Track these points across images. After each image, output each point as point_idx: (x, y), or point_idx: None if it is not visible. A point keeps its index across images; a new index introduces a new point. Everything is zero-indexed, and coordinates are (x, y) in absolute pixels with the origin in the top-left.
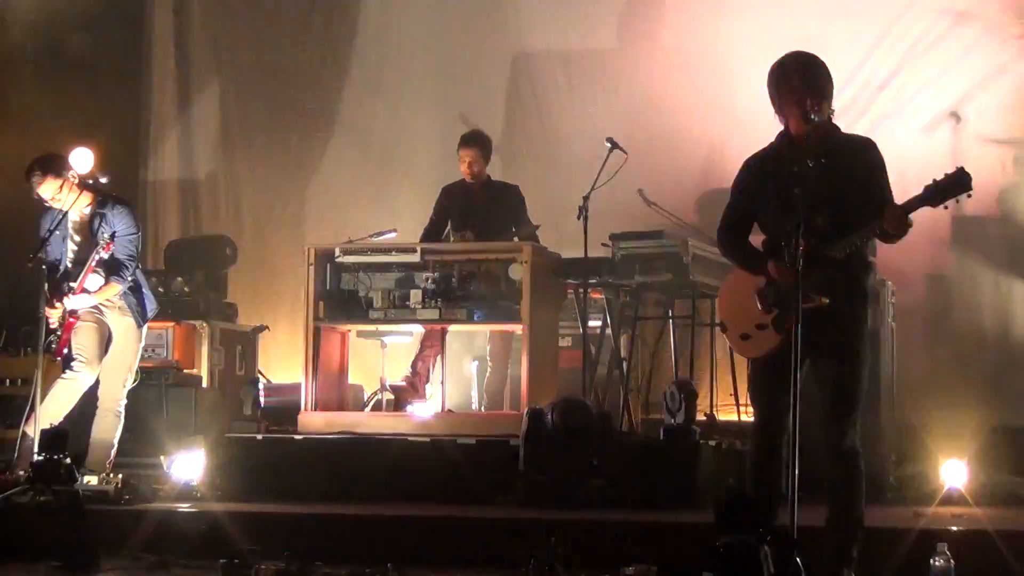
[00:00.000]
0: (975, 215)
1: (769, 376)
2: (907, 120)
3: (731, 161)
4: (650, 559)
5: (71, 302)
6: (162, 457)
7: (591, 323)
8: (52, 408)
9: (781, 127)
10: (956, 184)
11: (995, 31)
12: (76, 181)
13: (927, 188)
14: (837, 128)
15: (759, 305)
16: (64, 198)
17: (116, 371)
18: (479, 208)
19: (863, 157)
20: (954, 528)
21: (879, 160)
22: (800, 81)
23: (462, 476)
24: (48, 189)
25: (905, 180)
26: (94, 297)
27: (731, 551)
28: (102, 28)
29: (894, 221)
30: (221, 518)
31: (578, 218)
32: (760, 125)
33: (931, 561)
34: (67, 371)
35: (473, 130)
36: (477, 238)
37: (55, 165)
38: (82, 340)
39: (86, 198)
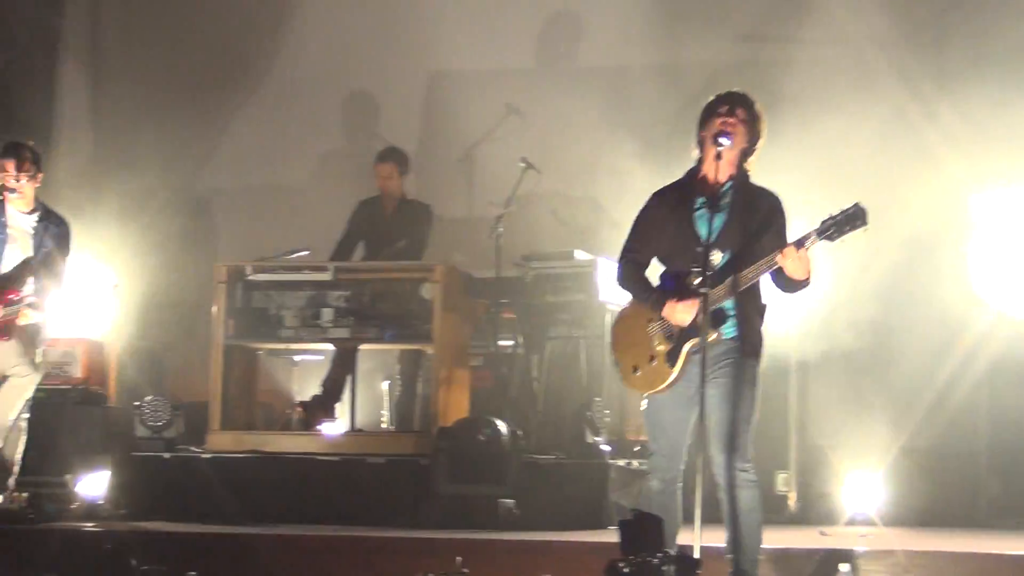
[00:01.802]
0: None
1: (665, 409)
2: None
3: (644, 184)
4: None
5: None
6: (68, 476)
7: (502, 343)
8: None
9: (696, 157)
10: (851, 218)
11: None
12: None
13: (823, 223)
14: (747, 173)
15: (653, 338)
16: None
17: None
18: (389, 225)
19: (769, 206)
20: (859, 548)
21: (783, 213)
22: (721, 115)
23: (372, 496)
24: (28, 186)
25: None
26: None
27: (635, 571)
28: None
29: (792, 259)
30: (127, 537)
31: (490, 237)
32: (674, 151)
33: None
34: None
35: (390, 146)
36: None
37: (40, 160)
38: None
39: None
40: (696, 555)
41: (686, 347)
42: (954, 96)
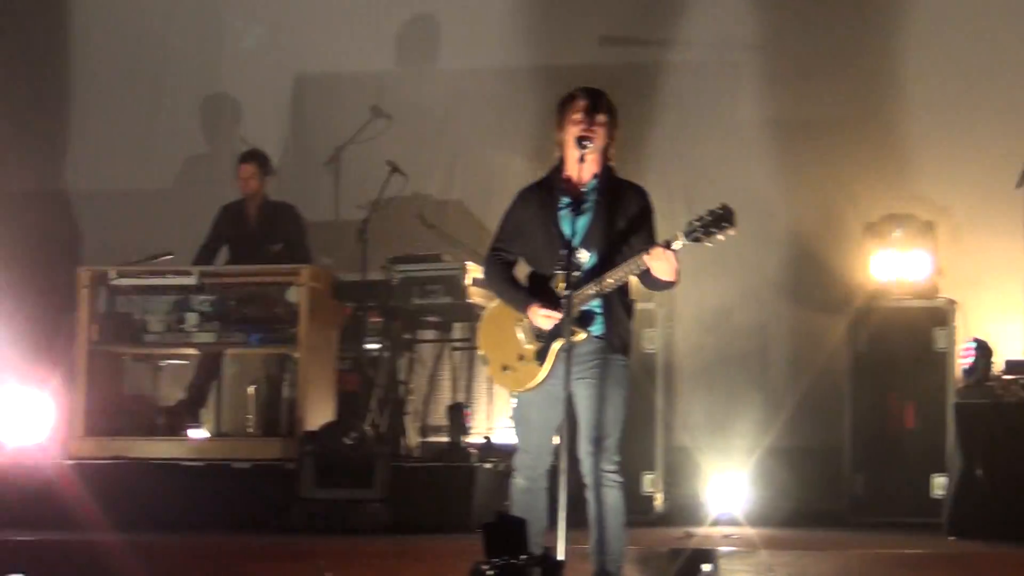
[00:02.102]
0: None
1: (533, 407)
2: None
3: (511, 186)
4: None
5: None
6: None
7: (369, 346)
8: None
9: (557, 157)
10: (719, 220)
11: None
12: None
13: (690, 224)
14: (612, 168)
15: (522, 336)
16: None
17: None
18: (253, 228)
19: (635, 200)
20: (723, 548)
21: (650, 206)
22: (580, 113)
23: (237, 501)
24: None
25: None
26: None
27: (499, 574)
28: None
29: (657, 261)
30: None
31: (357, 240)
32: (541, 153)
33: None
34: None
35: (252, 148)
36: (251, 260)
37: None
38: None
39: None
40: (560, 556)
41: (555, 346)
42: (821, 97)
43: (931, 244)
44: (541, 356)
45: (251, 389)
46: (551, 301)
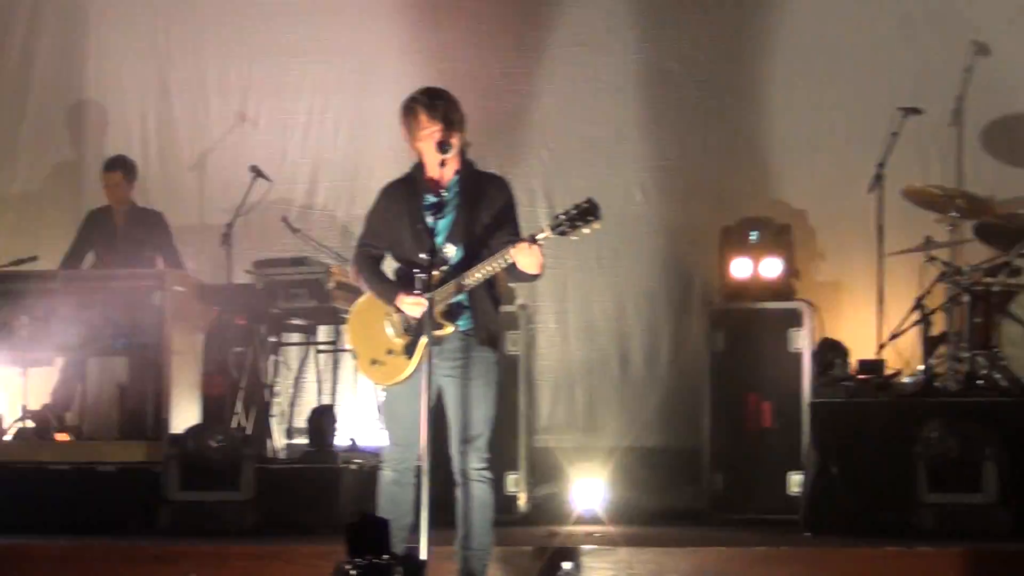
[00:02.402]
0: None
1: (401, 401)
2: None
3: (375, 190)
4: None
5: None
6: None
7: (235, 349)
8: None
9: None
10: (584, 213)
11: None
12: None
13: (556, 218)
14: (472, 162)
15: (390, 331)
16: None
17: None
18: (120, 234)
19: (497, 192)
20: (584, 546)
21: (512, 196)
22: (431, 114)
23: (103, 504)
24: None
25: None
26: None
27: (362, 573)
28: None
29: (522, 255)
30: None
31: (221, 245)
32: (403, 153)
33: None
34: None
35: (117, 155)
36: (117, 266)
37: None
38: None
39: None
40: (424, 555)
41: (423, 340)
42: (683, 104)
43: (787, 247)
44: (409, 350)
45: (116, 392)
46: (418, 293)
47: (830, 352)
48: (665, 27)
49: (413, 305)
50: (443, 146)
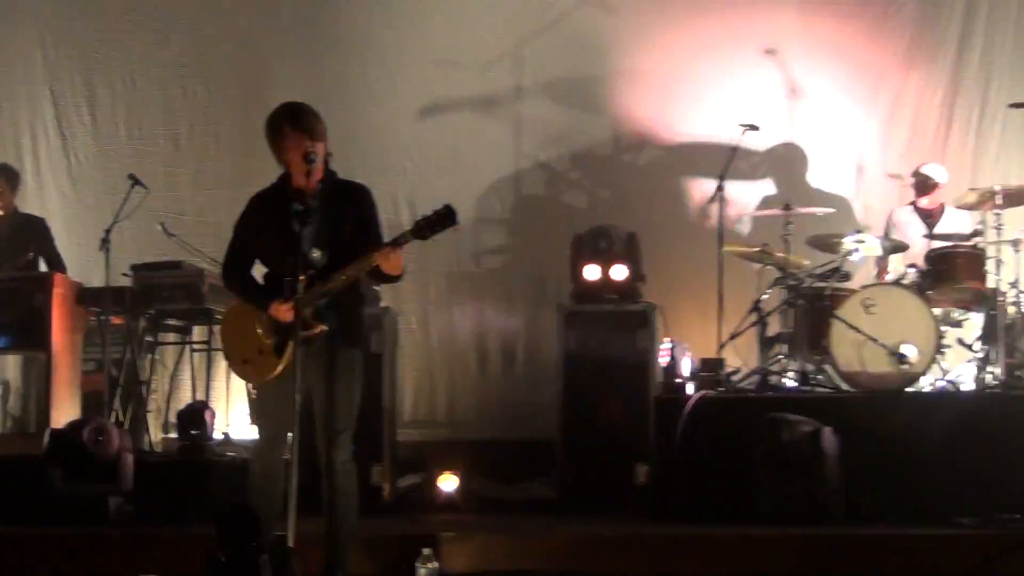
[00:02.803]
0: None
1: (271, 398)
2: None
3: (245, 196)
4: (162, 571)
5: None
6: None
7: (114, 348)
8: None
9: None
10: (443, 218)
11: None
12: None
13: (416, 223)
14: (335, 172)
15: (260, 331)
16: None
17: None
18: (4, 240)
19: (360, 200)
20: (444, 534)
21: (373, 204)
22: (295, 127)
23: None
24: None
25: None
26: None
27: (230, 561)
28: None
29: (385, 259)
30: None
31: (100, 249)
32: (267, 167)
33: (416, 565)
34: None
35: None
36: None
37: None
38: None
39: None
40: (291, 542)
41: (291, 341)
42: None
43: (634, 253)
44: (279, 350)
45: (0, 389)
46: (287, 299)
47: (672, 351)
48: (525, 46)
49: (285, 312)
50: (307, 156)
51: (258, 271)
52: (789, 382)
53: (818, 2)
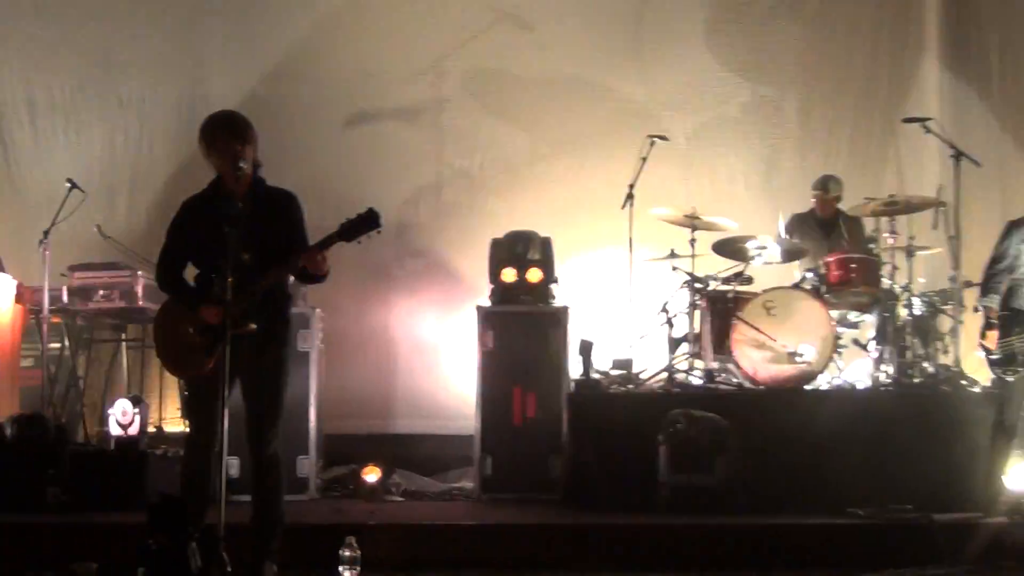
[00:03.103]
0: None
1: (201, 394)
2: None
3: (180, 200)
4: (96, 558)
5: None
6: None
7: (52, 345)
8: None
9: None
10: (367, 222)
11: None
12: None
13: (342, 226)
14: (263, 179)
15: (191, 330)
16: None
17: None
18: None
19: (286, 205)
20: (368, 522)
21: (300, 209)
22: (227, 135)
23: None
24: None
25: None
26: None
27: (161, 548)
28: None
29: (310, 260)
30: None
31: (39, 251)
32: (200, 173)
33: (340, 552)
34: None
35: None
36: None
37: None
38: None
39: None
40: (220, 531)
41: (222, 337)
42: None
43: (549, 257)
44: (209, 348)
45: None
46: (217, 299)
47: (585, 350)
48: (444, 61)
49: (213, 314)
50: (237, 164)
51: (190, 272)
52: (695, 380)
53: (725, 18)
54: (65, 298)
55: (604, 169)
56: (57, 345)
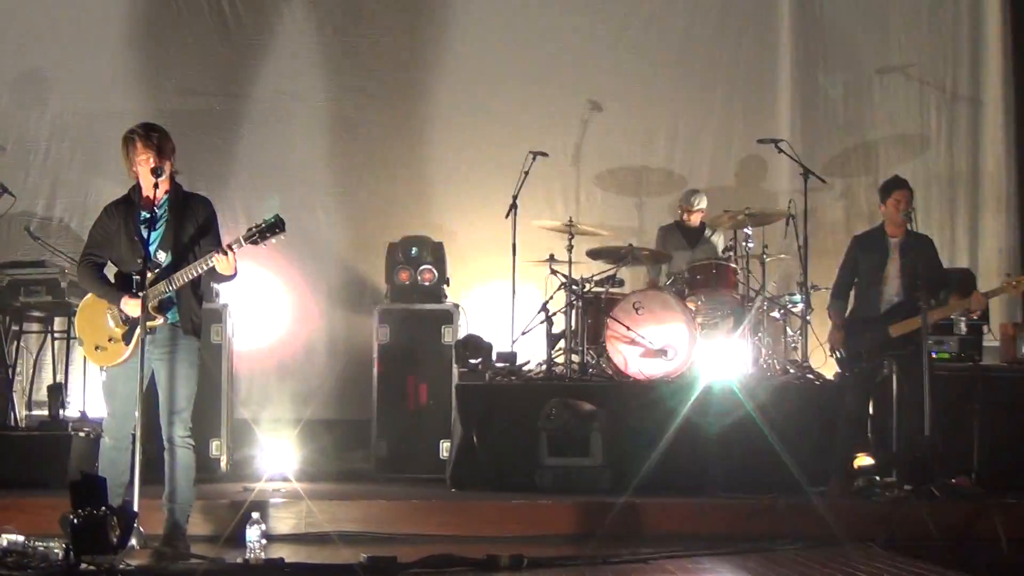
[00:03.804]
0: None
1: (120, 380)
2: None
3: (104, 202)
4: (21, 531)
5: None
6: None
7: None
8: None
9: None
10: (272, 227)
11: None
12: None
13: (249, 230)
14: (180, 185)
15: (111, 322)
16: None
17: None
18: None
19: (201, 209)
20: (272, 500)
21: (213, 213)
22: (146, 144)
23: None
24: None
25: None
26: None
27: (84, 522)
28: None
29: (221, 261)
30: None
31: None
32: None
33: (246, 527)
34: None
35: None
36: None
37: None
38: None
39: None
40: (135, 507)
41: (138, 330)
42: (366, 141)
43: (441, 260)
44: (127, 338)
45: None
46: (135, 294)
47: (473, 344)
48: (350, 79)
49: (132, 307)
50: (156, 171)
51: (109, 271)
52: (570, 372)
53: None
54: None
55: (490, 180)
56: None
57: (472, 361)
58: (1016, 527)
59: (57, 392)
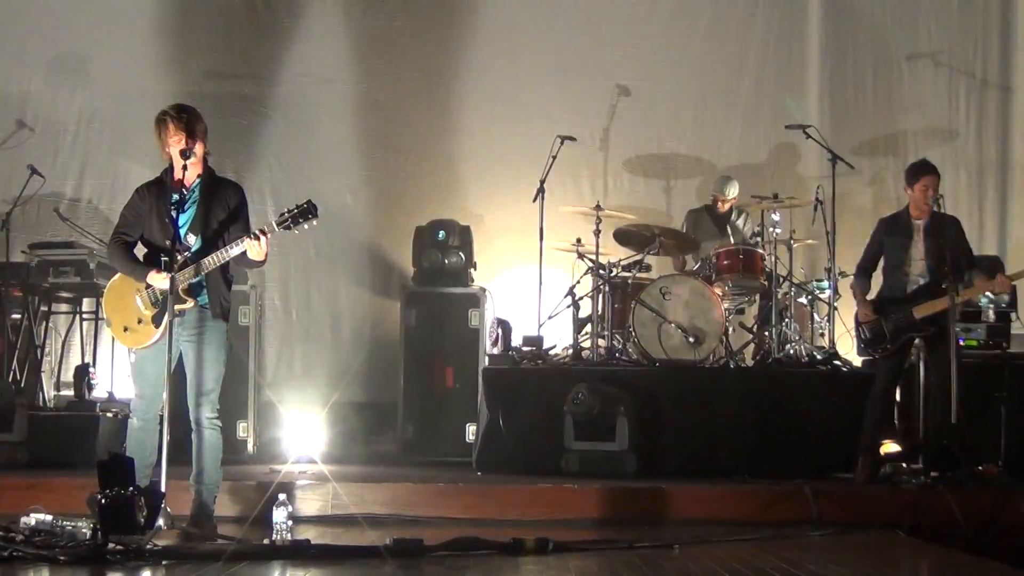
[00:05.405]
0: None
1: (148, 362)
2: None
3: (132, 188)
4: (49, 511)
5: None
6: None
7: (13, 315)
8: None
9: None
10: (305, 213)
11: None
12: None
13: (281, 216)
14: (212, 168)
15: (140, 304)
16: None
17: None
18: None
19: (232, 194)
20: (299, 481)
21: (244, 198)
22: (177, 126)
23: None
24: None
25: None
26: None
27: (111, 502)
28: None
29: (252, 247)
30: None
31: (1, 230)
32: (159, 162)
33: (273, 508)
34: None
35: None
36: None
37: None
38: None
39: None
40: (163, 487)
41: (167, 312)
42: (394, 124)
43: (468, 244)
44: (157, 320)
45: None
46: (164, 274)
47: (499, 328)
48: (377, 63)
49: (161, 279)
50: (186, 153)
51: (139, 252)
52: (596, 357)
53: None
54: (26, 274)
55: (519, 164)
56: (18, 316)
57: (499, 344)
58: None
59: (85, 373)
